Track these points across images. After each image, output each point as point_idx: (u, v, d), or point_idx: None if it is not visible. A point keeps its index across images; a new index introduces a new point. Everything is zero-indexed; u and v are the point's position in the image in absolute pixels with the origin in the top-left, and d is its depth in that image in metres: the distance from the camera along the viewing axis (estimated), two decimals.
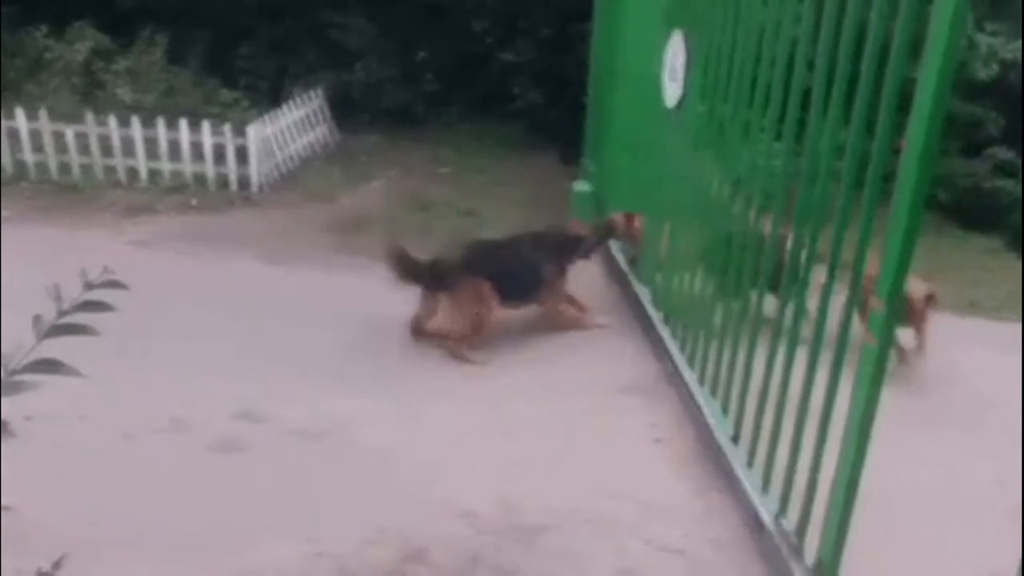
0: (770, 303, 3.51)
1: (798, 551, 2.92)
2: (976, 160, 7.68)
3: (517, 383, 4.41)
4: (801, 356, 3.11)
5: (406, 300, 5.11)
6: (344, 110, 8.81)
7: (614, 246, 5.99)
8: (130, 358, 3.99)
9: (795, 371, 3.14)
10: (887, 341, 2.56)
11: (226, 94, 8.49)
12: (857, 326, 2.84)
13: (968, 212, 7.54)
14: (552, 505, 3.42)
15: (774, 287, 3.43)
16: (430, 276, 4.60)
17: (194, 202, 7.01)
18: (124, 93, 8.05)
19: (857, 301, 2.80)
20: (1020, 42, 7.33)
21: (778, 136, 3.44)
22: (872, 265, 2.67)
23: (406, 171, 8.11)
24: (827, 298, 2.92)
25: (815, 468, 2.90)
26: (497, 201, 7.42)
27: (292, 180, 7.61)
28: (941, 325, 5.57)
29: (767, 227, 3.50)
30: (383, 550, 3.10)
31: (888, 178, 2.55)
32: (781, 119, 3.32)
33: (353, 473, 3.56)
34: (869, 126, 2.68)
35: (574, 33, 7.73)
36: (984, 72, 7.32)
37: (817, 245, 3.06)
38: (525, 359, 4.70)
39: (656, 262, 5.08)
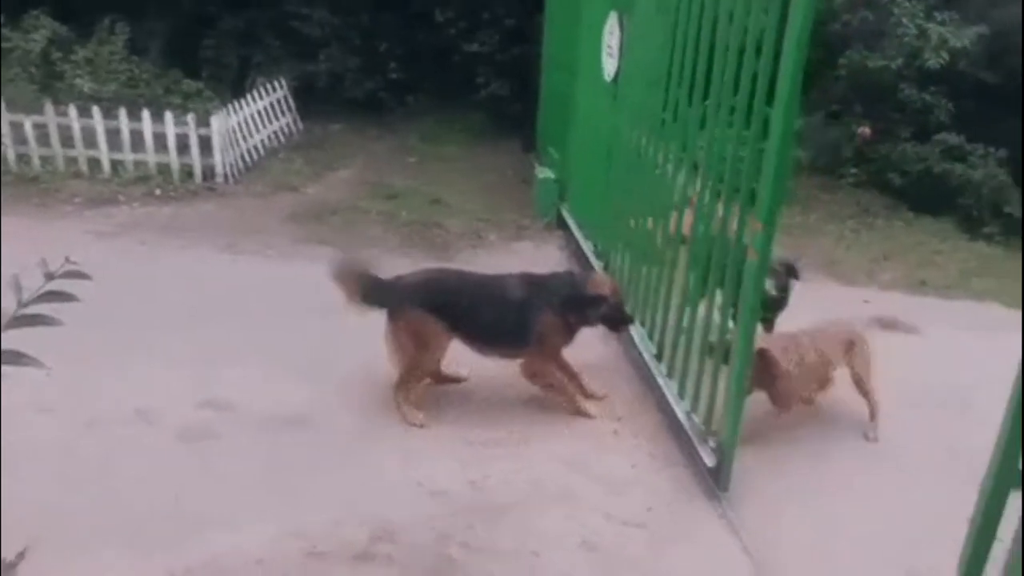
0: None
1: (704, 437, 3.72)
2: (927, 145, 7.91)
3: (482, 365, 4.49)
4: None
5: None
6: (308, 100, 8.79)
7: (575, 226, 6.18)
8: (93, 349, 3.99)
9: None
10: (766, 256, 3.24)
11: (189, 84, 8.43)
12: None
13: (919, 195, 7.78)
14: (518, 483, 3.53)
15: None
16: (368, 294, 3.87)
17: (158, 192, 6.98)
18: (84, 83, 7.95)
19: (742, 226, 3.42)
20: (969, 31, 7.52)
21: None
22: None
23: (371, 160, 8.14)
24: (722, 239, 3.62)
25: (716, 369, 3.63)
26: (462, 189, 7.48)
27: (257, 170, 7.60)
28: (896, 304, 5.76)
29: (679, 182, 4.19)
30: (354, 530, 3.17)
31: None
32: (691, 95, 3.93)
33: (323, 457, 3.62)
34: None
35: (537, 24, 7.79)
36: (934, 60, 7.51)
37: (715, 204, 3.72)
38: None
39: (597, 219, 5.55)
